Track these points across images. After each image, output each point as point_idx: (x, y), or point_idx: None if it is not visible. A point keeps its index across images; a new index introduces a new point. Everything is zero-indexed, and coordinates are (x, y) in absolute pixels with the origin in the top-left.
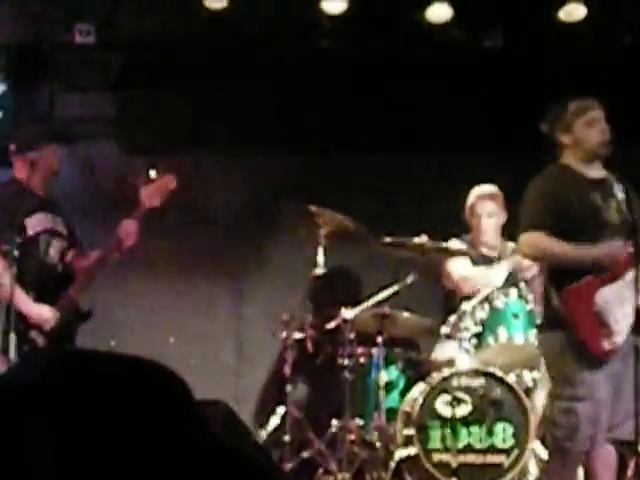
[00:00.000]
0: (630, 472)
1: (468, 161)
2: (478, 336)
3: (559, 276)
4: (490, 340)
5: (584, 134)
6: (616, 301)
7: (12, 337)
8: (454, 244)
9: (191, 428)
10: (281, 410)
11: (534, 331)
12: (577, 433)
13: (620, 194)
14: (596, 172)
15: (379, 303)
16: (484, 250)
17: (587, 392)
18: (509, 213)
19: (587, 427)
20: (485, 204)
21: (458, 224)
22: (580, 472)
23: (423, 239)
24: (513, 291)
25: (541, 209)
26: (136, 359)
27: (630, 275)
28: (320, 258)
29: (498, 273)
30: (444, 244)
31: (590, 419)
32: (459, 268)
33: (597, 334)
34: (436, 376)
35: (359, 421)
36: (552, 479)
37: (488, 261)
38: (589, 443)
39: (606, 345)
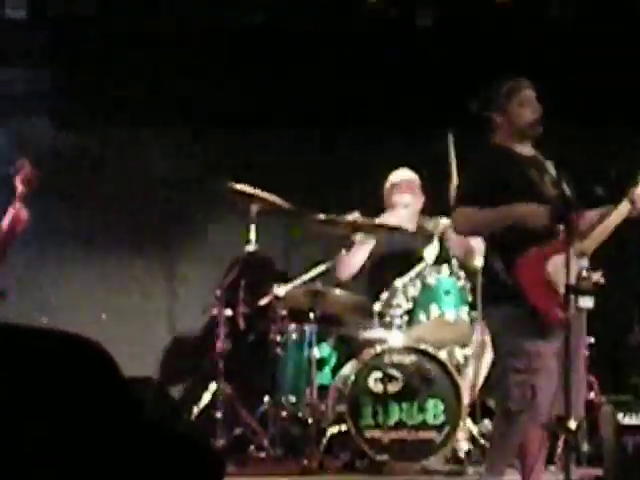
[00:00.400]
0: (560, 450)
1: (396, 138)
2: (410, 313)
3: (504, 250)
4: (422, 317)
5: (517, 114)
6: (563, 271)
7: None
8: (387, 219)
9: (118, 403)
10: (213, 387)
11: (466, 308)
12: (533, 406)
13: (552, 170)
14: (528, 150)
15: (311, 280)
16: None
17: (541, 363)
18: (436, 189)
19: (543, 399)
20: (401, 195)
21: None
22: None
23: (355, 216)
24: (445, 268)
25: (475, 185)
26: (61, 333)
27: (575, 247)
28: (252, 235)
29: (430, 250)
30: (377, 220)
31: (545, 391)
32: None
33: (550, 302)
34: (368, 353)
35: (291, 398)
36: (498, 451)
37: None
38: (546, 415)
39: (559, 313)
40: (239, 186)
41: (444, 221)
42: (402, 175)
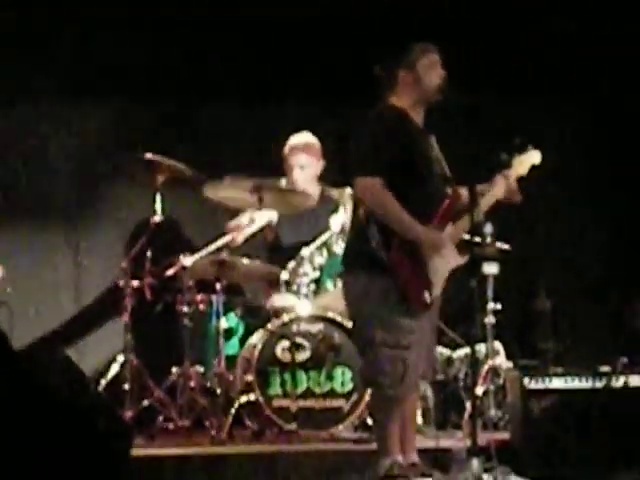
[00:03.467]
0: (467, 414)
1: (299, 108)
2: (317, 282)
3: (385, 227)
4: (329, 285)
5: (426, 74)
6: (436, 254)
7: None
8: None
9: (5, 375)
10: (120, 358)
11: None
12: (404, 381)
13: (435, 145)
14: (419, 120)
15: (218, 250)
16: None
17: (412, 339)
18: (339, 159)
19: (412, 374)
20: (298, 156)
21: None
22: None
23: (257, 180)
24: None
25: (377, 153)
26: None
27: (449, 229)
28: (158, 206)
29: (336, 219)
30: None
31: (415, 366)
32: None
33: (420, 286)
34: (275, 322)
35: (199, 368)
36: (383, 431)
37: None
38: (414, 389)
39: (427, 297)
40: (144, 155)
41: (349, 190)
42: (299, 137)
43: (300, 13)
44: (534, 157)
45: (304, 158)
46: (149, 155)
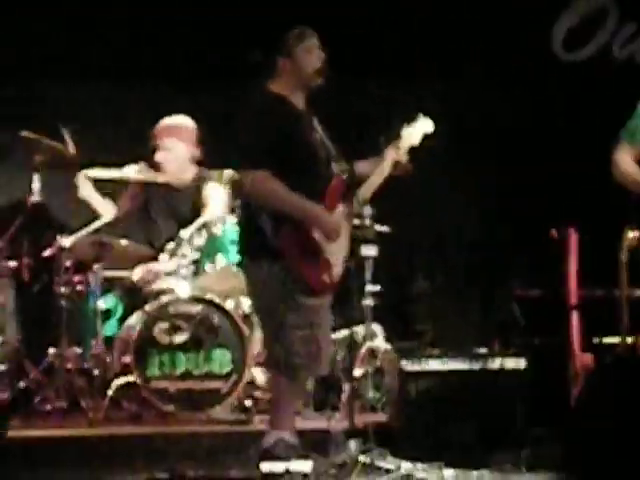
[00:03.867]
0: (345, 396)
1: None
2: (196, 263)
3: (274, 215)
4: (208, 267)
5: (304, 59)
6: (332, 235)
7: None
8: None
9: None
10: None
11: None
12: (318, 360)
13: (318, 127)
14: (301, 103)
15: (96, 231)
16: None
17: (318, 318)
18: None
19: (325, 352)
20: (163, 140)
21: None
22: None
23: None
24: (230, 218)
25: (264, 145)
26: None
27: (340, 208)
28: (36, 185)
29: (215, 200)
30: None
31: (324, 343)
32: None
33: (317, 269)
34: (154, 303)
35: (77, 349)
36: (284, 406)
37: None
38: (326, 366)
39: (326, 278)
40: (22, 133)
41: (228, 172)
42: (167, 120)
43: None
44: (425, 126)
45: (170, 141)
46: (26, 133)
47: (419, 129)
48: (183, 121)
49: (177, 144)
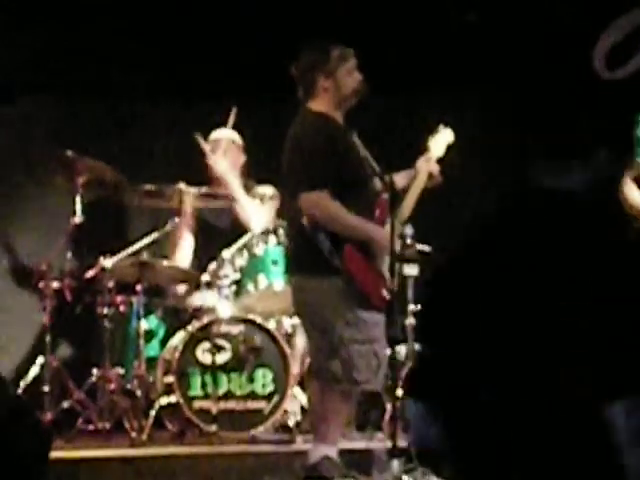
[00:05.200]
0: (387, 416)
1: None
2: (238, 283)
3: (334, 233)
4: (250, 287)
5: (345, 80)
6: (385, 249)
7: None
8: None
9: None
10: (40, 360)
11: None
12: (378, 374)
13: (359, 142)
14: (342, 122)
15: (138, 251)
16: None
17: (378, 332)
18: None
19: (384, 367)
20: (212, 154)
21: None
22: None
23: (181, 186)
24: (272, 238)
25: (320, 166)
26: None
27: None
28: (78, 206)
29: (257, 220)
30: (203, 190)
31: (384, 358)
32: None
33: (377, 284)
34: (196, 324)
35: (119, 370)
36: (333, 422)
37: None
38: (383, 381)
39: (385, 293)
40: (65, 154)
41: (269, 190)
42: (219, 133)
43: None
44: (447, 135)
45: (219, 155)
46: (70, 153)
47: (442, 139)
48: (231, 135)
49: (225, 158)
